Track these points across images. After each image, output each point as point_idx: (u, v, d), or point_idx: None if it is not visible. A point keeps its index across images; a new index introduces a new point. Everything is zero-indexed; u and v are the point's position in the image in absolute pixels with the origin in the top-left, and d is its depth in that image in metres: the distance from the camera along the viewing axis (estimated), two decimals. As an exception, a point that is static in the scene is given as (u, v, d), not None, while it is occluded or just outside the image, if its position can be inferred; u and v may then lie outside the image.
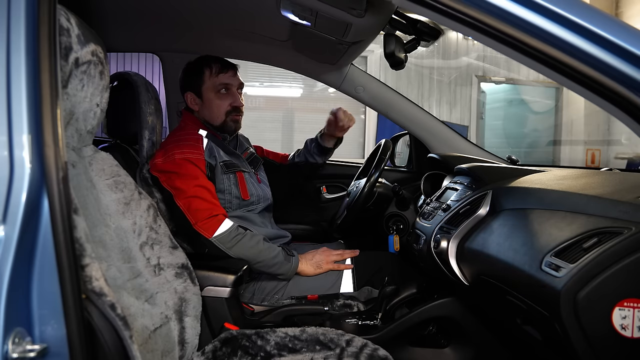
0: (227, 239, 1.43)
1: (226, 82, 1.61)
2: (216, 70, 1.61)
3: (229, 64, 1.64)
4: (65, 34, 0.80)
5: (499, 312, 1.15)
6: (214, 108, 1.61)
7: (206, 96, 1.62)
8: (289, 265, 1.51)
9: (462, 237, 1.19)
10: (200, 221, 1.43)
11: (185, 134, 1.56)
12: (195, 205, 1.44)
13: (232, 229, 1.45)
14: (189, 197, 1.44)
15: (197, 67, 1.63)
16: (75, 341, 0.60)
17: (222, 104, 1.61)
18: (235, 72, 1.65)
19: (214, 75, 1.60)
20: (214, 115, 1.62)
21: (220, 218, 1.45)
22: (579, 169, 1.49)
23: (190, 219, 1.44)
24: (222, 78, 1.60)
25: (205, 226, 1.43)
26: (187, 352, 1.09)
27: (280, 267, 1.49)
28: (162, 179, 1.48)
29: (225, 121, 1.62)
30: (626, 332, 0.74)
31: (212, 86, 1.61)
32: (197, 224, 1.43)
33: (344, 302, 1.53)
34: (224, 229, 1.43)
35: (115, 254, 0.94)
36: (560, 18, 0.70)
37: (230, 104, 1.61)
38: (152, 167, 1.50)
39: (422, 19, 1.38)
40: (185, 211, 1.44)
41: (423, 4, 0.76)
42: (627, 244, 0.74)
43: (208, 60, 1.63)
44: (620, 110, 0.72)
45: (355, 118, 1.84)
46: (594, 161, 6.13)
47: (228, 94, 1.62)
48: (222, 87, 1.60)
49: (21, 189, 0.58)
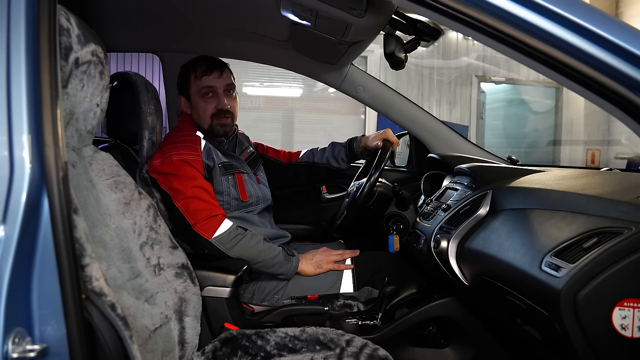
0: (227, 239, 1.43)
1: (210, 84, 1.57)
2: (200, 73, 1.58)
3: (213, 66, 1.59)
4: (65, 34, 0.80)
5: (499, 312, 1.15)
6: (200, 112, 1.59)
7: (193, 100, 1.60)
8: (289, 265, 1.51)
9: (462, 237, 1.19)
10: (199, 222, 1.43)
11: (182, 135, 1.56)
12: (194, 206, 1.43)
13: (232, 229, 1.44)
14: (188, 198, 1.44)
15: (184, 70, 1.62)
16: (75, 341, 0.59)
17: (207, 107, 1.58)
18: (221, 73, 1.59)
19: (198, 78, 1.58)
20: (201, 119, 1.60)
21: (220, 218, 1.44)
22: (579, 169, 1.49)
23: (189, 220, 1.43)
24: (205, 81, 1.57)
25: (204, 227, 1.42)
26: (187, 352, 1.09)
27: (280, 267, 1.49)
28: (160, 181, 1.48)
29: (212, 125, 1.59)
30: (626, 332, 0.74)
31: (197, 90, 1.58)
32: (196, 224, 1.43)
33: (344, 302, 1.53)
34: (224, 229, 1.43)
35: (115, 254, 0.94)
36: (560, 18, 0.70)
37: (215, 107, 1.58)
38: (150, 168, 1.50)
39: (422, 19, 1.38)
40: (184, 212, 1.44)
41: (423, 4, 0.76)
42: (627, 244, 0.74)
43: (194, 63, 1.61)
44: (620, 110, 0.72)
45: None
46: (594, 161, 6.12)
47: (213, 97, 1.58)
48: (206, 89, 1.57)
49: (21, 189, 0.58)
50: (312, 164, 1.92)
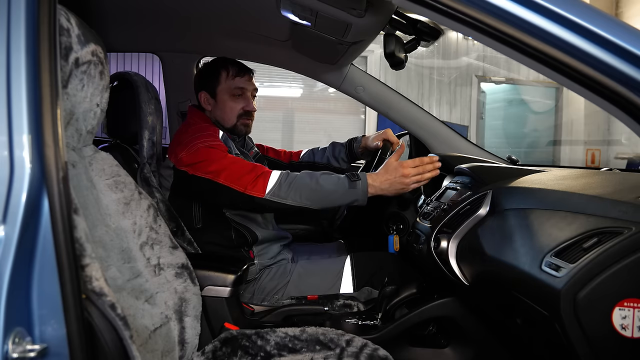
0: (280, 190, 1.38)
1: (242, 85, 1.63)
2: (233, 73, 1.62)
3: (246, 69, 1.66)
4: (65, 34, 0.80)
5: (499, 312, 1.15)
6: (227, 110, 1.63)
7: (220, 97, 1.63)
8: (354, 191, 1.40)
9: (462, 237, 1.19)
10: (249, 185, 1.39)
11: (199, 128, 1.56)
12: (237, 173, 1.41)
13: (282, 177, 1.40)
14: (229, 170, 1.41)
15: (214, 68, 1.64)
16: (75, 341, 0.59)
17: (235, 106, 1.63)
18: (251, 77, 1.67)
19: (231, 77, 1.62)
20: (226, 117, 1.63)
21: (266, 174, 1.41)
22: (579, 169, 1.49)
23: (239, 188, 1.40)
24: (238, 82, 1.62)
25: (254, 189, 1.39)
26: (187, 352, 1.09)
27: (347, 196, 1.40)
28: (192, 172, 1.45)
29: (236, 124, 1.64)
30: (626, 332, 0.74)
31: (227, 88, 1.62)
32: (246, 189, 1.39)
33: (344, 302, 1.53)
34: (273, 181, 1.39)
35: (115, 254, 0.94)
36: (560, 18, 0.70)
37: (243, 108, 1.63)
38: (178, 163, 1.48)
39: (422, 19, 1.38)
40: (230, 185, 1.40)
41: (423, 4, 0.76)
42: (627, 244, 0.74)
43: (226, 62, 1.65)
44: (620, 110, 0.72)
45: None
46: (594, 161, 6.12)
47: (242, 98, 1.63)
48: (238, 90, 1.62)
49: (21, 189, 0.58)
50: (312, 164, 1.93)
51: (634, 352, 0.74)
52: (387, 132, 1.77)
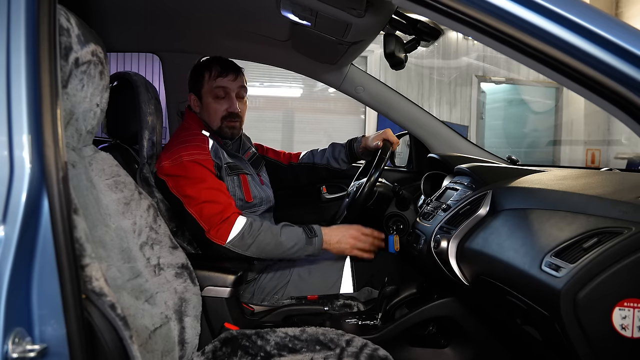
0: (242, 241, 1.38)
1: (224, 86, 1.57)
2: (215, 73, 1.58)
3: (229, 68, 1.59)
4: (65, 34, 0.80)
5: (499, 312, 1.15)
6: (211, 112, 1.59)
7: (205, 99, 1.60)
8: (311, 247, 1.45)
9: (462, 237, 1.19)
10: (212, 229, 1.38)
11: (189, 134, 1.54)
12: (207, 211, 1.40)
13: (245, 228, 1.39)
14: (201, 204, 1.40)
15: (199, 69, 1.62)
16: (75, 341, 0.59)
17: (219, 108, 1.58)
18: (237, 76, 1.60)
19: (212, 78, 1.58)
20: (211, 119, 1.60)
21: (231, 220, 1.40)
22: (579, 169, 1.49)
23: (204, 226, 1.40)
24: (219, 82, 1.57)
25: (218, 234, 1.38)
26: (187, 352, 1.09)
27: (304, 251, 1.44)
28: (170, 184, 1.45)
29: (221, 127, 1.59)
30: (626, 332, 0.74)
31: (209, 90, 1.58)
32: (210, 231, 1.39)
33: (344, 302, 1.53)
34: (236, 231, 1.38)
35: (115, 254, 0.94)
36: (560, 18, 0.70)
37: (226, 109, 1.58)
38: (159, 170, 1.47)
39: (422, 19, 1.38)
40: (197, 219, 1.40)
41: (423, 4, 0.76)
42: (627, 244, 0.74)
43: (209, 62, 1.61)
44: (620, 110, 0.72)
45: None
46: (594, 161, 6.12)
47: (225, 99, 1.58)
48: (220, 91, 1.57)
49: (21, 189, 0.58)
50: (312, 165, 1.92)
51: (634, 352, 0.74)
52: (387, 132, 1.76)
